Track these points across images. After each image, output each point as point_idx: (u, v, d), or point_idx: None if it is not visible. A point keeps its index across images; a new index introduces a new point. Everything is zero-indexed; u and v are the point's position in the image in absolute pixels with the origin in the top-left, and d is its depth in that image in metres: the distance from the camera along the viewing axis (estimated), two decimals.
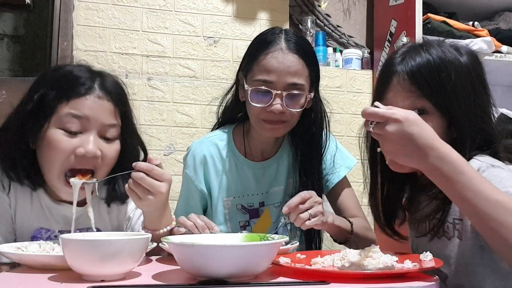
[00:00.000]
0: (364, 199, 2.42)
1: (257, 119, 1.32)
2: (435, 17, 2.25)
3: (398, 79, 1.04)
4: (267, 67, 1.28)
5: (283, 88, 1.28)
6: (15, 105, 1.16)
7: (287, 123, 1.32)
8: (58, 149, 1.07)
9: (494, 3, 2.44)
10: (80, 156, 1.07)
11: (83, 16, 2.23)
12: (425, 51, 1.04)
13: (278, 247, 0.89)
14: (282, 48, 1.29)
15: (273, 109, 1.27)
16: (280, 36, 1.32)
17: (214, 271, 0.80)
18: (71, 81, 1.10)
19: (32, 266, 0.95)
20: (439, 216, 1.02)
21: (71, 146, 1.07)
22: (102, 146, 1.10)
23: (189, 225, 1.12)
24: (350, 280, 0.82)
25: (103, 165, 1.11)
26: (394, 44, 2.29)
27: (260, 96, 1.29)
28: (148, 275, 0.89)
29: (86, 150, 1.07)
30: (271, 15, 2.42)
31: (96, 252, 0.81)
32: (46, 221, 1.16)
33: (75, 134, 1.08)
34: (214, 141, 1.42)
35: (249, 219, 1.41)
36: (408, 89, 1.03)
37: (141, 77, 2.26)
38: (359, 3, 2.60)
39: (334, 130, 2.40)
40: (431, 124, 0.97)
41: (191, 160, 1.40)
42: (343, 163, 1.45)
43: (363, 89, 2.49)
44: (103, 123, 1.10)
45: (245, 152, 1.42)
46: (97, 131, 1.10)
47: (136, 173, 1.02)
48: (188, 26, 2.34)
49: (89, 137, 1.08)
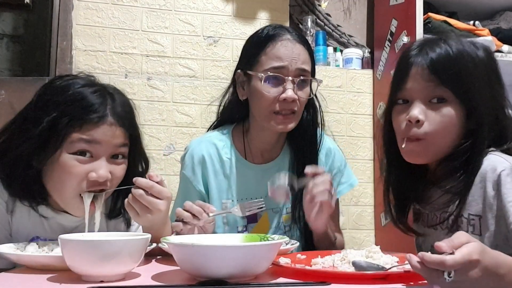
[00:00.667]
0: (364, 198, 2.42)
1: (268, 113, 1.30)
2: (436, 16, 2.24)
3: (417, 69, 1.05)
4: (277, 54, 1.29)
5: (294, 75, 1.28)
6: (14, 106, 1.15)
7: (296, 114, 1.31)
8: (71, 174, 1.07)
9: (495, 3, 2.44)
10: (92, 180, 1.08)
11: (83, 16, 2.23)
12: (444, 42, 1.06)
13: (278, 247, 0.88)
14: (289, 38, 1.31)
15: (287, 96, 1.27)
16: (282, 29, 1.34)
17: (214, 271, 0.79)
18: (84, 108, 1.09)
19: (31, 266, 0.95)
20: (451, 209, 1.03)
21: (83, 171, 1.07)
22: (112, 168, 1.11)
23: (186, 216, 1.11)
24: (350, 280, 0.82)
25: (112, 185, 1.12)
26: (394, 44, 2.29)
27: (273, 84, 1.28)
28: (148, 276, 0.88)
29: (98, 175, 1.07)
30: (271, 14, 2.42)
31: (95, 252, 0.81)
32: (43, 229, 1.16)
33: (87, 158, 1.08)
34: (213, 141, 1.40)
35: (247, 223, 1.38)
36: (427, 79, 1.04)
37: (140, 77, 2.26)
38: (359, 3, 2.60)
39: (335, 130, 2.40)
40: (451, 112, 1.01)
41: (189, 160, 1.38)
42: (347, 179, 1.45)
43: (363, 89, 2.49)
44: (114, 146, 1.11)
45: (245, 154, 1.40)
46: (108, 154, 1.10)
47: (136, 190, 1.04)
48: (188, 26, 2.34)
49: (101, 162, 1.09)
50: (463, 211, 1.02)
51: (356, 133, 2.46)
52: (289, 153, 1.42)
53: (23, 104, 1.19)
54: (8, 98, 1.96)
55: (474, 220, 1.00)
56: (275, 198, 1.22)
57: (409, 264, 0.77)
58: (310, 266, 0.91)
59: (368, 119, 2.48)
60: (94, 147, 1.08)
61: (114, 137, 1.10)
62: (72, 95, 1.10)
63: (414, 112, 1.04)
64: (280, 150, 1.42)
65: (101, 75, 2.24)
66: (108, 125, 1.09)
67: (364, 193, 2.44)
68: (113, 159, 1.11)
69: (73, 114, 1.08)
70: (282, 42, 1.30)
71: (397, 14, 2.28)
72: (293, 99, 1.27)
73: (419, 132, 1.04)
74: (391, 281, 0.82)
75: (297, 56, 1.29)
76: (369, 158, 2.46)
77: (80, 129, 1.07)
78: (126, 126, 1.13)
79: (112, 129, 1.10)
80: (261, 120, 1.33)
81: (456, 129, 1.04)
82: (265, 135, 1.37)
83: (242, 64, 1.37)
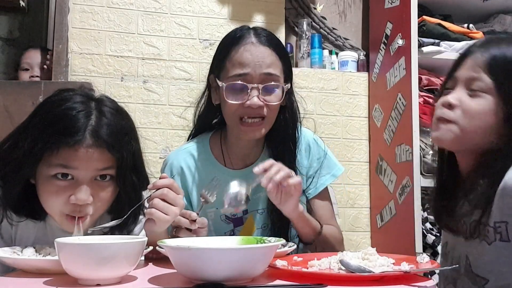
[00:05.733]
0: (360, 200, 2.43)
1: (234, 119, 1.28)
2: (430, 19, 2.25)
3: (471, 60, 1.06)
4: (240, 61, 1.25)
5: (259, 81, 1.25)
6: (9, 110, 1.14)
7: (266, 120, 1.28)
8: (52, 197, 1.05)
9: (488, 6, 2.45)
10: (72, 204, 1.05)
11: (78, 19, 2.22)
12: (506, 43, 1.06)
13: (275, 250, 0.89)
14: (253, 42, 1.27)
15: (251, 103, 1.24)
16: (249, 31, 1.31)
17: (211, 274, 0.79)
18: (62, 130, 1.04)
19: (27, 270, 0.95)
20: (477, 217, 1.02)
21: (64, 194, 1.04)
22: (96, 191, 1.06)
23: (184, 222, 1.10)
24: (347, 282, 0.82)
25: (97, 208, 1.08)
26: (389, 47, 2.30)
27: (236, 92, 1.25)
28: (144, 279, 0.88)
29: (77, 199, 1.03)
30: (267, 17, 2.42)
31: (91, 256, 0.80)
32: (44, 236, 1.15)
33: (67, 182, 1.05)
34: (190, 152, 1.38)
35: (233, 227, 1.37)
36: (476, 69, 1.04)
37: (136, 80, 2.26)
38: (354, 6, 2.61)
39: (331, 133, 2.41)
40: (489, 104, 1.01)
41: (168, 172, 1.36)
42: (329, 170, 1.42)
43: (359, 92, 2.50)
44: (95, 169, 1.06)
45: (224, 161, 1.38)
46: (90, 177, 1.06)
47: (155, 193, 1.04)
48: (183, 29, 2.34)
49: (81, 186, 1.04)
50: (488, 220, 1.00)
51: (352, 135, 2.47)
52: (268, 155, 1.38)
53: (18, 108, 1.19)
54: (3, 101, 1.96)
55: (501, 228, 0.99)
56: (232, 207, 1.16)
57: None
58: (307, 268, 0.92)
59: (364, 121, 2.49)
60: (72, 171, 1.04)
61: (93, 160, 1.05)
62: (57, 115, 1.06)
63: (448, 97, 1.05)
64: (261, 152, 1.40)
65: (97, 78, 2.24)
66: (85, 148, 1.03)
67: (360, 195, 2.44)
68: (98, 180, 1.07)
69: (49, 138, 1.03)
70: (245, 46, 1.27)
71: (392, 17, 2.29)
72: (258, 106, 1.24)
73: (450, 114, 1.04)
74: (387, 283, 0.82)
75: (261, 60, 1.25)
76: (364, 160, 2.46)
77: (57, 153, 1.03)
78: (111, 148, 1.06)
79: (89, 153, 1.04)
80: (231, 128, 1.32)
81: (490, 125, 1.02)
82: (242, 141, 1.35)
83: (213, 69, 1.36)
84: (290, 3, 2.49)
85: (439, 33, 2.23)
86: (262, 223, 1.38)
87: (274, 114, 1.30)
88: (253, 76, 1.25)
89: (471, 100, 1.04)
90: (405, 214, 2.11)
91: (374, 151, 2.43)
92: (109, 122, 1.08)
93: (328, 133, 2.40)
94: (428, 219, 2.11)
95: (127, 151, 1.10)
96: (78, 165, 1.04)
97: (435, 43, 2.19)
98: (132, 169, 1.12)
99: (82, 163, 1.04)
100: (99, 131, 1.05)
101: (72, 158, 1.03)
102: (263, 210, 1.38)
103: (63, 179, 1.04)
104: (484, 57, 1.04)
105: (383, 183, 2.31)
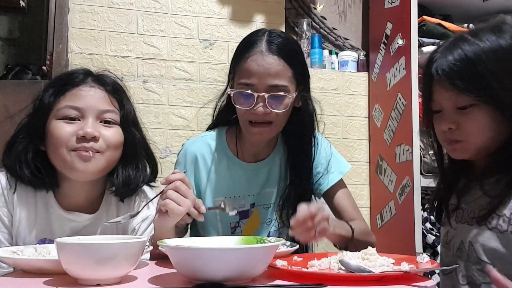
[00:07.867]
0: (360, 200, 2.43)
1: (243, 121, 1.33)
2: (430, 19, 2.25)
3: (438, 79, 1.07)
4: (247, 71, 1.28)
5: (265, 90, 1.27)
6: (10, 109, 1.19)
7: (273, 124, 1.31)
8: (60, 135, 1.15)
9: (489, 6, 2.45)
10: (80, 139, 1.14)
11: (78, 19, 2.22)
12: (457, 47, 1.04)
13: (275, 250, 0.89)
14: (262, 51, 1.28)
15: (257, 111, 1.28)
16: (262, 38, 1.31)
17: (211, 274, 0.79)
18: (66, 77, 1.23)
19: (27, 270, 0.95)
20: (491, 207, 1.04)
21: (71, 130, 1.15)
22: (102, 129, 1.17)
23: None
24: (346, 282, 0.82)
25: (106, 149, 1.17)
26: (389, 47, 2.30)
27: (244, 99, 1.29)
28: (144, 279, 0.88)
29: (85, 132, 1.14)
30: (267, 17, 2.42)
31: (91, 256, 0.80)
32: (50, 231, 1.17)
33: (74, 121, 1.16)
34: (207, 141, 1.44)
35: (239, 220, 1.42)
36: (448, 88, 1.05)
37: (136, 80, 2.26)
38: (354, 6, 2.61)
39: (331, 133, 2.41)
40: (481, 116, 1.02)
41: (183, 158, 1.42)
42: (336, 168, 1.45)
43: (359, 91, 2.50)
44: (100, 109, 1.18)
45: (237, 154, 1.43)
46: (95, 116, 1.17)
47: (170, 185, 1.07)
48: (183, 29, 2.34)
49: (87, 121, 1.16)
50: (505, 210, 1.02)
51: (352, 135, 2.47)
52: (281, 152, 1.44)
53: (18, 107, 1.27)
54: (3, 101, 1.96)
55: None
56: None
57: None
58: (307, 268, 0.92)
59: (364, 121, 2.49)
60: (79, 110, 1.16)
61: (98, 98, 1.19)
62: (61, 76, 1.26)
63: (444, 124, 1.08)
64: (272, 150, 1.45)
65: None
66: (89, 87, 1.20)
67: (360, 195, 2.44)
68: (103, 124, 1.18)
69: (57, 84, 1.21)
70: (253, 56, 1.28)
71: (392, 17, 2.29)
72: (263, 113, 1.28)
73: (456, 136, 1.08)
74: (387, 283, 0.82)
75: (267, 71, 1.26)
76: (365, 160, 2.46)
77: (64, 96, 1.18)
78: (109, 90, 1.21)
79: (93, 90, 1.19)
80: (241, 127, 1.36)
81: (492, 129, 1.04)
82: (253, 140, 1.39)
83: (230, 69, 1.39)
84: (290, 3, 2.49)
85: (439, 33, 2.23)
86: (266, 218, 1.43)
87: (282, 119, 1.33)
88: (258, 87, 1.28)
89: (466, 118, 1.06)
90: (405, 214, 2.11)
91: (374, 151, 2.44)
92: (106, 74, 1.27)
93: (328, 133, 2.40)
94: (428, 219, 2.11)
95: (127, 103, 1.25)
96: (83, 103, 1.17)
97: (435, 43, 2.19)
98: (134, 125, 1.26)
99: (87, 100, 1.18)
100: (99, 76, 1.24)
101: (77, 97, 1.18)
102: (269, 205, 1.42)
103: (71, 121, 1.16)
104: (446, 73, 1.04)
105: (383, 183, 2.31)
